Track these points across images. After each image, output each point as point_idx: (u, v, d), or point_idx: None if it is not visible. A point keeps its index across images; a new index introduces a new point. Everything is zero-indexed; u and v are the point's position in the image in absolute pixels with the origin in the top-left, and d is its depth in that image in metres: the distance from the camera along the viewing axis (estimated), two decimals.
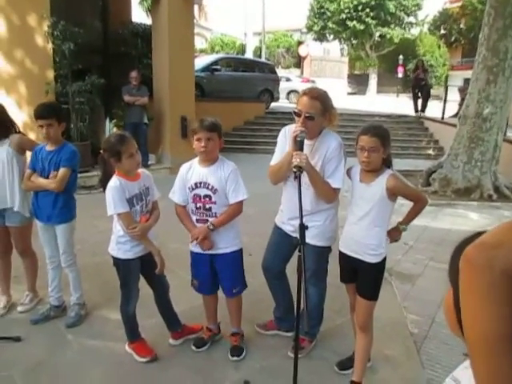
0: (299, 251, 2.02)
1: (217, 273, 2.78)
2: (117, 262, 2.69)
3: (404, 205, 2.58)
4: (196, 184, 2.64)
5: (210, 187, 2.61)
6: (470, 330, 0.67)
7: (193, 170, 2.68)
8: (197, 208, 2.67)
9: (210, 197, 2.62)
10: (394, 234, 2.50)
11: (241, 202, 2.65)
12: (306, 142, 2.44)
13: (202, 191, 2.63)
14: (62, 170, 2.93)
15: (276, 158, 2.69)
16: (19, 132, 3.19)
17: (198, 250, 2.73)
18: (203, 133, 2.55)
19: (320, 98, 2.51)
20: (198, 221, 2.69)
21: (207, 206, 2.64)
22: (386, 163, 2.41)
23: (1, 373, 2.60)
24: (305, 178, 2.40)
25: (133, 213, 2.61)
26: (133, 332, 2.83)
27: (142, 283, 2.82)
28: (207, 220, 2.65)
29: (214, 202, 2.62)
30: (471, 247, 0.67)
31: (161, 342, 2.94)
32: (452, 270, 0.80)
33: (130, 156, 2.55)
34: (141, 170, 2.75)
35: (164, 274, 2.85)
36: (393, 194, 2.35)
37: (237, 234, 2.76)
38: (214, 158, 2.66)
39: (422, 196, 2.53)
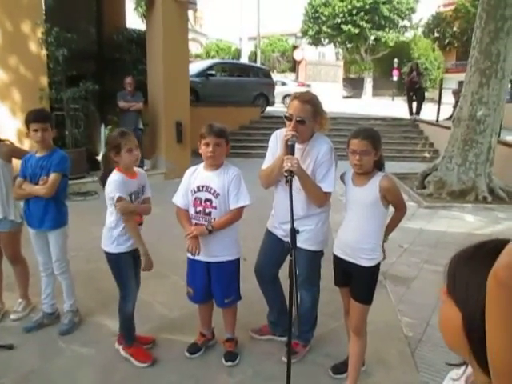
0: (290, 255, 2.02)
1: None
2: (110, 256, 2.71)
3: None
4: (198, 187, 2.64)
5: (212, 191, 2.61)
6: (503, 357, 0.62)
7: (197, 174, 2.69)
8: (196, 212, 2.65)
9: (210, 201, 2.61)
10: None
11: (241, 208, 2.63)
12: (297, 146, 2.45)
13: (204, 195, 2.63)
14: (52, 175, 2.92)
15: (267, 162, 2.69)
16: (4, 140, 3.17)
17: (194, 256, 2.71)
18: (212, 138, 2.55)
19: (311, 102, 2.52)
20: (196, 225, 2.67)
21: (207, 211, 2.62)
22: (378, 165, 2.42)
23: None
24: (296, 182, 2.40)
25: None
26: (130, 335, 2.83)
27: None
28: None
29: (215, 207, 2.61)
30: (502, 269, 0.61)
31: (154, 348, 2.93)
32: (461, 289, 0.74)
33: (129, 151, 2.60)
34: (137, 170, 2.80)
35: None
36: (385, 195, 2.35)
37: (235, 242, 2.74)
38: (222, 162, 2.66)
39: (405, 204, 2.52)
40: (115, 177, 2.62)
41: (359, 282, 2.43)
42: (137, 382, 2.65)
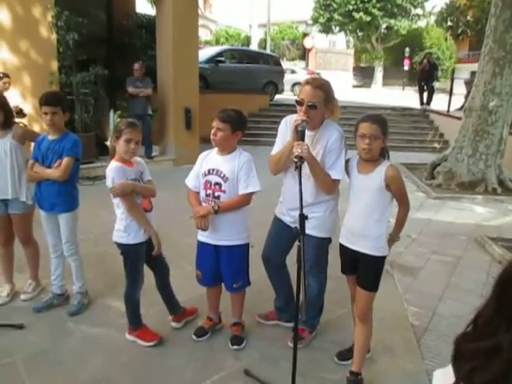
0: (299, 241, 2.02)
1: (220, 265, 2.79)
2: (126, 248, 2.71)
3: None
4: (209, 170, 2.66)
5: (221, 175, 2.62)
6: None
7: (209, 157, 2.72)
8: (206, 195, 2.68)
9: (220, 185, 2.63)
10: (389, 244, 2.48)
11: (250, 194, 2.64)
12: (308, 133, 2.43)
13: (214, 178, 2.64)
14: (65, 159, 2.95)
15: (277, 148, 2.68)
16: (18, 123, 3.20)
17: (203, 239, 2.74)
18: (215, 121, 2.58)
19: (323, 88, 2.49)
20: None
21: (216, 194, 2.64)
22: (383, 154, 2.40)
23: (4, 359, 2.64)
24: (305, 168, 2.39)
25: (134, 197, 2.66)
26: (136, 318, 2.86)
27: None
28: None
29: (224, 191, 2.62)
30: None
31: (161, 331, 2.95)
32: None
33: (127, 140, 2.59)
34: (133, 158, 2.77)
35: (164, 257, 2.91)
36: (389, 184, 2.32)
37: (245, 227, 2.75)
38: (227, 147, 2.66)
39: (408, 199, 2.45)
40: (111, 165, 2.63)
41: (365, 269, 2.43)
42: (144, 363, 2.68)
